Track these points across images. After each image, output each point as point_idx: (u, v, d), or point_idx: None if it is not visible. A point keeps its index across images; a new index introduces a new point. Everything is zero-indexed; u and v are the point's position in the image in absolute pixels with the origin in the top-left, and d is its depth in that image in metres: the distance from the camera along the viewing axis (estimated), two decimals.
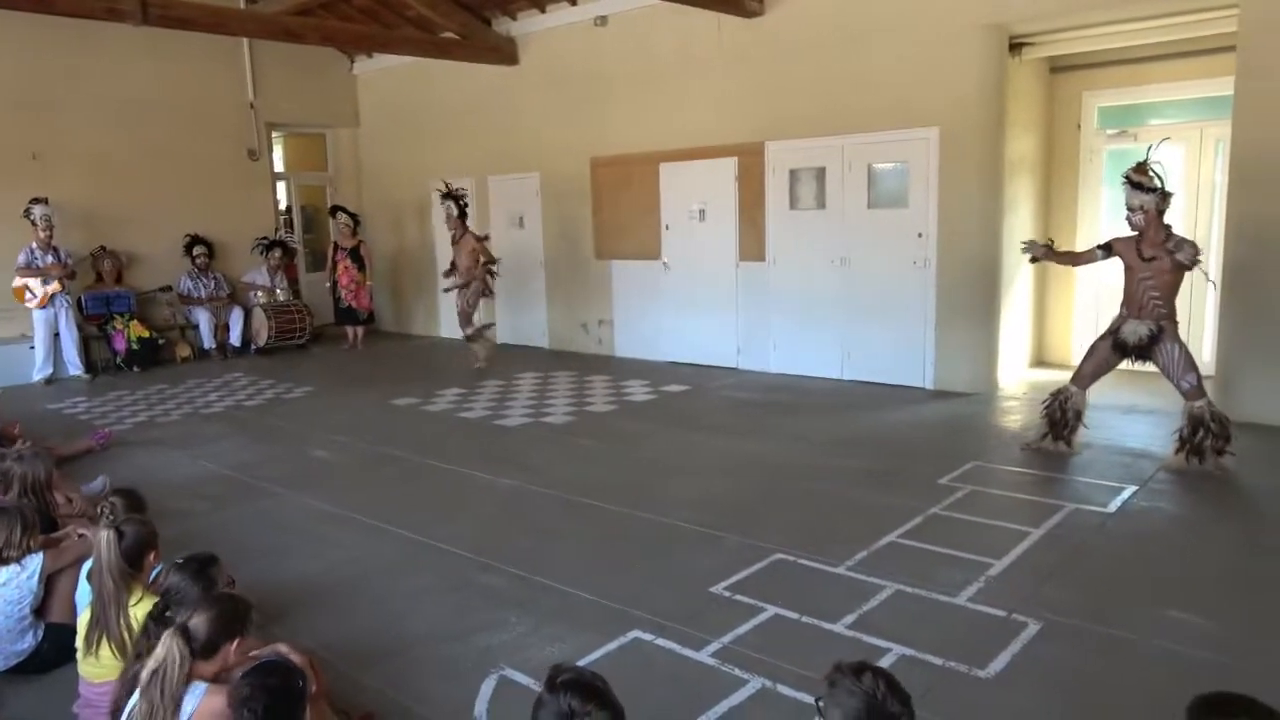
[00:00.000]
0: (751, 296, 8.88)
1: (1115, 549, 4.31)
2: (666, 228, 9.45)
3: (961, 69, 7.25)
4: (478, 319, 9.71)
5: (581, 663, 3.33)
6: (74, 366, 9.81)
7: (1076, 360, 7.94)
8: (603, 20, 9.54)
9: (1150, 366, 5.55)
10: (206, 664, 2.53)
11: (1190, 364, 5.36)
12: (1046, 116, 8.39)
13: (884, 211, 7.92)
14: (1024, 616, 3.56)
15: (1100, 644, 3.37)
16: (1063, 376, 6.51)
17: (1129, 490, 5.03)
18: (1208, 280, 5.93)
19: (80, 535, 3.68)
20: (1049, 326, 8.74)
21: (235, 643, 2.59)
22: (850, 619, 3.60)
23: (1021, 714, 2.93)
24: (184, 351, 10.75)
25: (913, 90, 7.52)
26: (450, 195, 9.58)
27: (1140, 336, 5.43)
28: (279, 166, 12.89)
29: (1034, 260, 6.12)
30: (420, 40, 9.82)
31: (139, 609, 2.95)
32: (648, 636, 3.52)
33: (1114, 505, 4.82)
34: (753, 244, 8.80)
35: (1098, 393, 6.01)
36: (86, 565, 3.33)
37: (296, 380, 9.30)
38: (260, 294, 11.25)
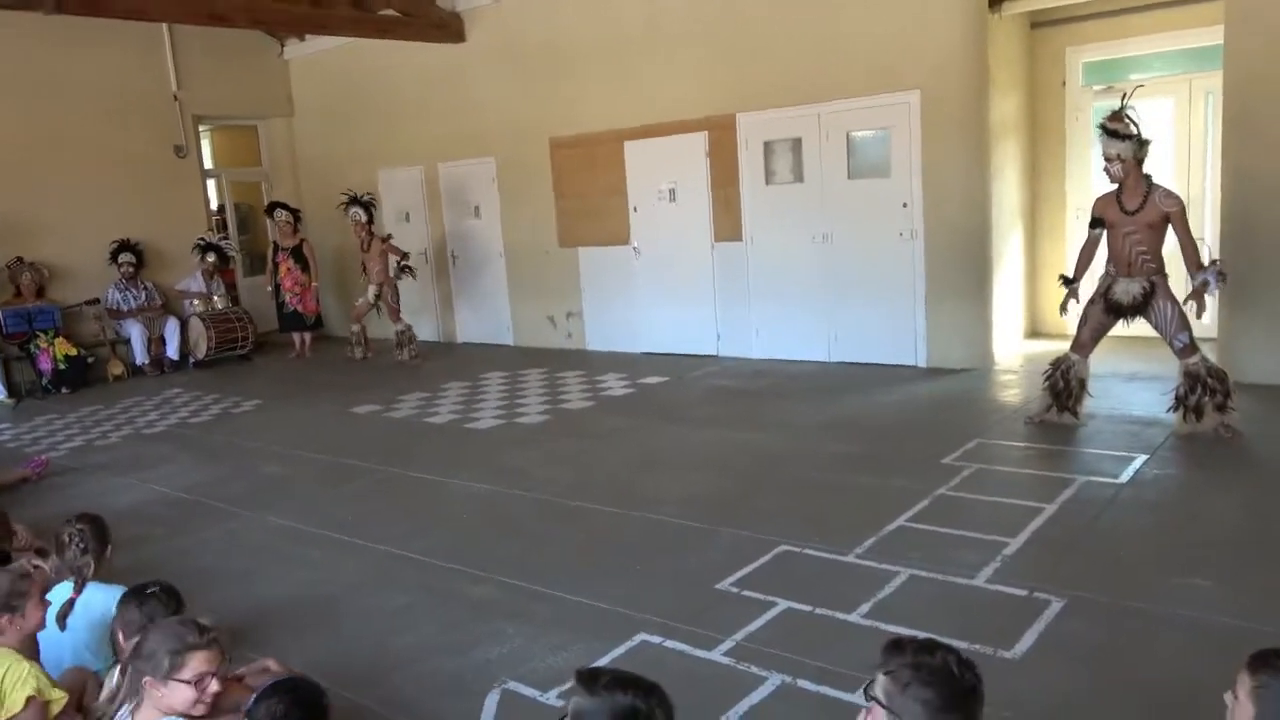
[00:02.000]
0: (729, 279, 8.96)
1: (1131, 520, 4.44)
2: (634, 210, 9.49)
3: (941, 28, 7.38)
4: (407, 317, 10.41)
5: None
6: None
7: (1074, 330, 8.17)
8: None
9: (1145, 327, 5.71)
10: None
11: (1184, 321, 5.52)
12: (1029, 75, 8.55)
13: (866, 182, 8.03)
14: (1045, 594, 3.66)
15: (1125, 617, 3.48)
16: (1059, 347, 6.66)
17: (1140, 459, 5.18)
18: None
19: (36, 567, 3.63)
20: (1042, 295, 8.90)
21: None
22: (866, 608, 3.68)
23: (1053, 692, 3.02)
24: (116, 369, 10.57)
25: (891, 53, 7.62)
26: (357, 201, 10.23)
27: (1133, 295, 5.57)
28: (208, 163, 12.70)
29: (1068, 303, 6.02)
30: (358, 19, 9.74)
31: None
32: (655, 639, 3.57)
33: (1125, 475, 4.96)
34: (728, 223, 8.87)
35: (1097, 361, 6.16)
36: (56, 602, 3.31)
37: (243, 393, 9.20)
38: (196, 302, 11.10)
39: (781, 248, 8.52)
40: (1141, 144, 5.37)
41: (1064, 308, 6.04)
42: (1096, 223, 5.73)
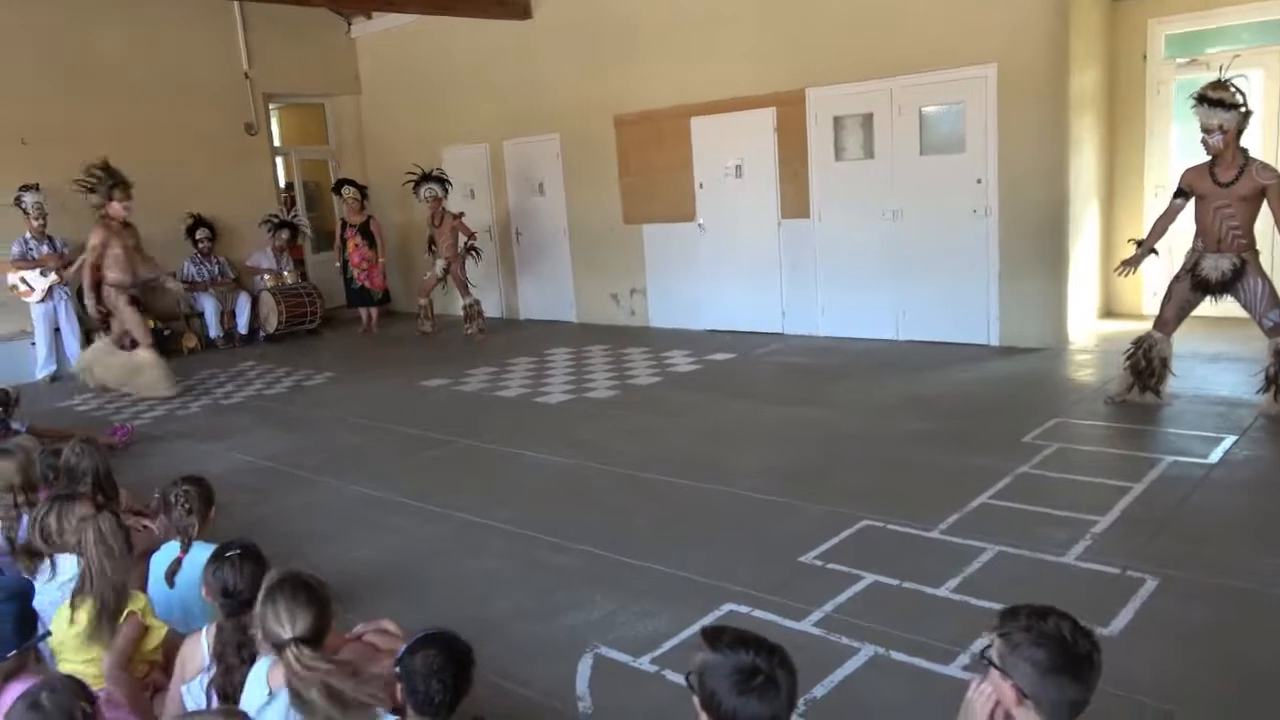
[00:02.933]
0: (796, 256, 8.90)
1: (1222, 500, 4.35)
2: (700, 186, 9.46)
3: (1018, 1, 7.21)
4: (475, 292, 10.49)
5: (678, 639, 3.42)
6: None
7: (1149, 310, 8.01)
8: None
9: (1232, 304, 5.56)
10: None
11: (1275, 299, 5.37)
12: (1109, 48, 8.33)
13: (938, 158, 7.91)
14: (1139, 573, 3.61)
15: (1224, 597, 3.42)
16: (1134, 327, 6.56)
17: (1229, 440, 5.06)
18: None
19: (144, 528, 3.76)
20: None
21: (333, 623, 2.67)
22: (954, 583, 3.66)
23: (1155, 669, 2.98)
24: (190, 342, 10.86)
25: (966, 25, 7.48)
26: (430, 177, 10.32)
27: (1223, 271, 5.43)
28: (276, 141, 12.91)
29: (1132, 268, 5.87)
30: None
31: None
32: (743, 609, 3.59)
33: (1215, 456, 4.85)
34: (795, 200, 8.80)
35: (1179, 341, 6.01)
36: (163, 561, 3.43)
37: (315, 366, 9.39)
38: (267, 277, 11.32)
39: (850, 225, 8.45)
40: (1246, 115, 5.21)
41: (1124, 266, 5.82)
42: (1181, 193, 5.58)
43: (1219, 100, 5.18)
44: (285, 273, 11.47)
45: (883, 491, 4.72)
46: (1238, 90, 5.19)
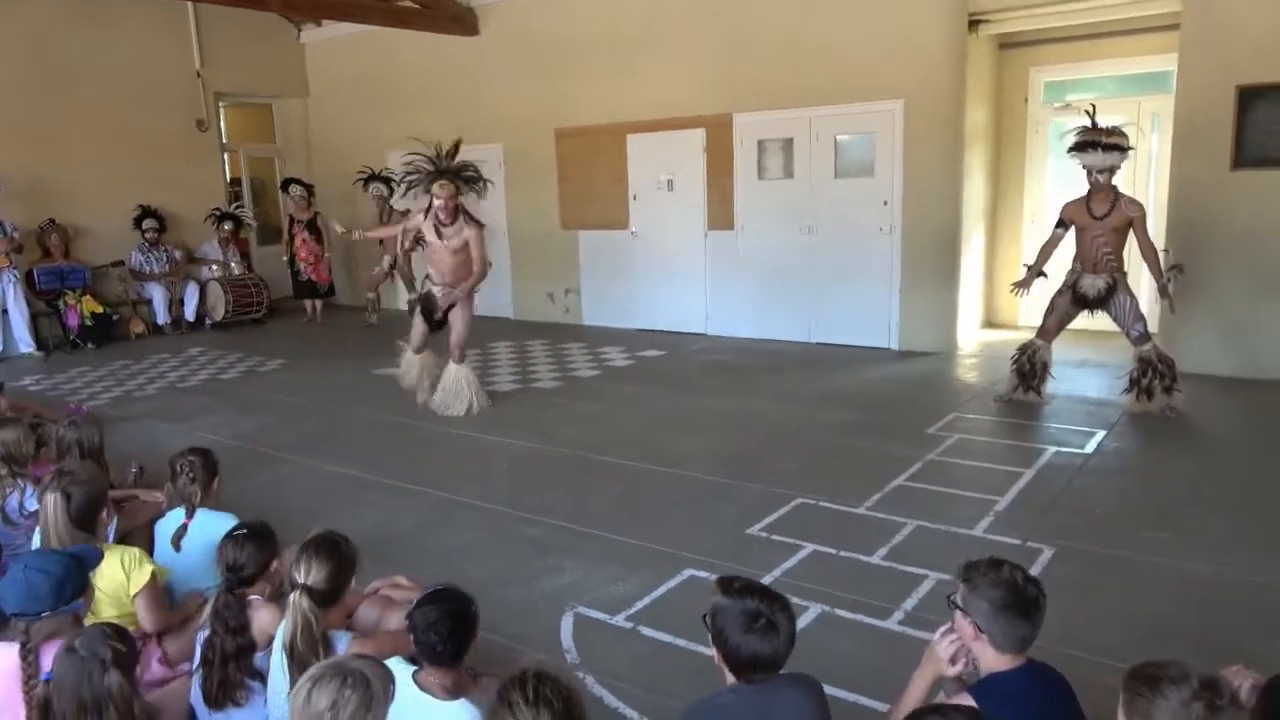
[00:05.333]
0: (720, 264, 9.15)
1: (1100, 483, 4.75)
2: (634, 198, 9.63)
3: (926, 45, 7.62)
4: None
5: (648, 599, 3.58)
6: (25, 344, 9.50)
7: (1024, 321, 8.57)
8: None
9: (1102, 318, 6.03)
10: (333, 612, 2.66)
11: (1139, 313, 5.85)
12: (997, 91, 8.84)
13: (850, 181, 8.27)
14: (1037, 543, 3.94)
15: (1107, 563, 3.77)
16: (1012, 336, 7.01)
17: (1100, 433, 5.50)
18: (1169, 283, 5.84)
19: (142, 501, 3.72)
20: (998, 289, 9.21)
21: (351, 584, 2.74)
22: (883, 551, 3.93)
23: (1061, 623, 3.22)
24: (138, 327, 10.47)
25: (878, 65, 7.85)
26: (378, 177, 10.45)
27: (1099, 289, 5.88)
28: (224, 138, 12.51)
29: (1025, 289, 6.18)
30: (383, 9, 9.71)
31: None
32: (701, 574, 3.77)
33: (1090, 447, 5.27)
34: (721, 213, 9.06)
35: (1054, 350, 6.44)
36: (168, 528, 3.41)
37: (265, 353, 9.19)
38: (215, 268, 11.00)
39: (770, 237, 8.74)
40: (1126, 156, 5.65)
41: (1017, 286, 6.18)
42: (1062, 224, 6.00)
43: (1114, 145, 5.57)
44: (232, 264, 11.15)
45: (812, 474, 4.96)
46: (1124, 135, 5.62)
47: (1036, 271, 6.15)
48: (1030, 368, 6.18)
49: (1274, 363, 6.58)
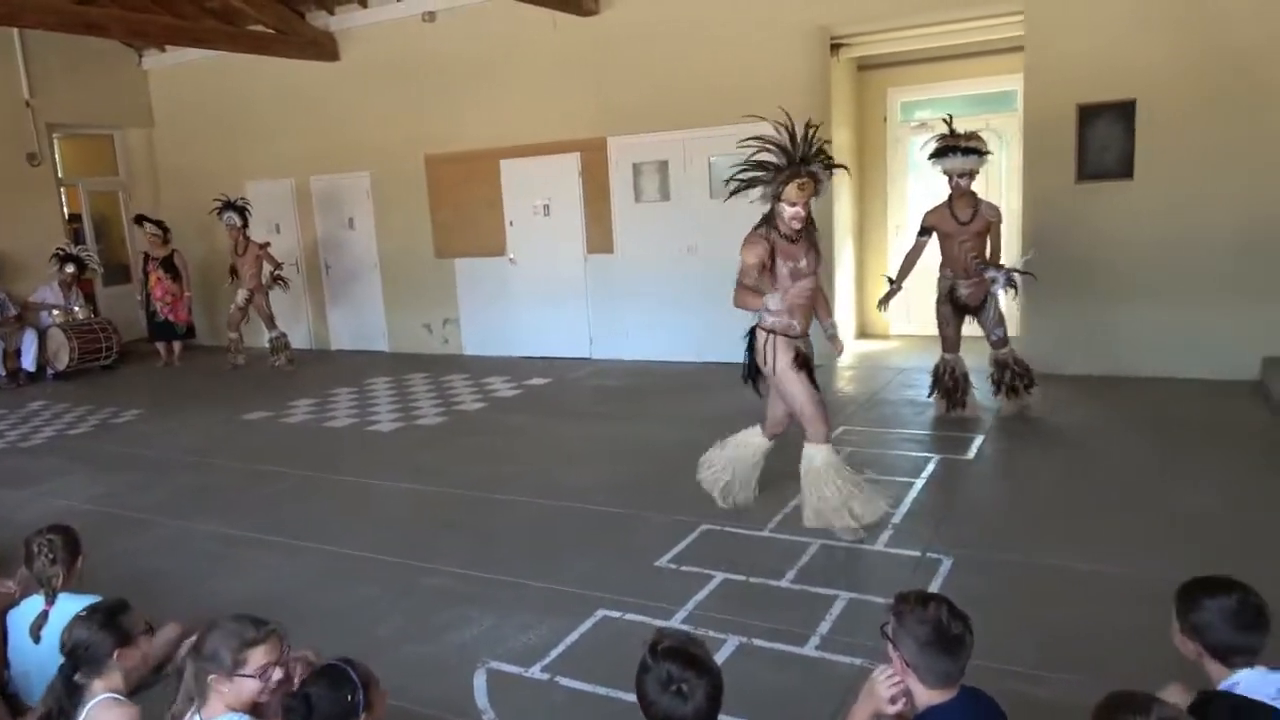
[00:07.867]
0: (601, 288, 9.12)
1: (985, 490, 4.96)
2: (511, 224, 9.49)
3: (791, 68, 7.84)
4: (280, 323, 10.00)
5: (561, 646, 3.46)
6: None
7: (895, 331, 8.87)
8: (431, 16, 9.39)
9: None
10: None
11: (1002, 318, 6.13)
12: (858, 111, 9.19)
13: (726, 201, 8.35)
14: (936, 554, 4.04)
15: (1003, 567, 3.91)
16: (885, 346, 7.20)
17: (978, 439, 5.74)
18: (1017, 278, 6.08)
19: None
20: (869, 301, 9.51)
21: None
22: (792, 574, 3.94)
23: None
24: None
25: (745, 86, 7.98)
26: (232, 206, 9.68)
27: (979, 296, 6.12)
28: (60, 172, 11.60)
29: (886, 305, 6.36)
30: (234, 35, 9.22)
31: None
32: (615, 614, 3.68)
33: (971, 453, 5.50)
34: (600, 236, 9.03)
35: (901, 360, 6.64)
36: (25, 616, 3.07)
37: (118, 403, 8.53)
38: (55, 313, 10.15)
39: (650, 259, 8.77)
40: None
41: (884, 303, 6.32)
42: (925, 231, 6.19)
43: (973, 149, 5.79)
44: (75, 308, 10.33)
45: (712, 498, 4.95)
46: (982, 139, 5.90)
47: (897, 287, 6.24)
48: (952, 383, 6.23)
49: (1133, 361, 7.04)
